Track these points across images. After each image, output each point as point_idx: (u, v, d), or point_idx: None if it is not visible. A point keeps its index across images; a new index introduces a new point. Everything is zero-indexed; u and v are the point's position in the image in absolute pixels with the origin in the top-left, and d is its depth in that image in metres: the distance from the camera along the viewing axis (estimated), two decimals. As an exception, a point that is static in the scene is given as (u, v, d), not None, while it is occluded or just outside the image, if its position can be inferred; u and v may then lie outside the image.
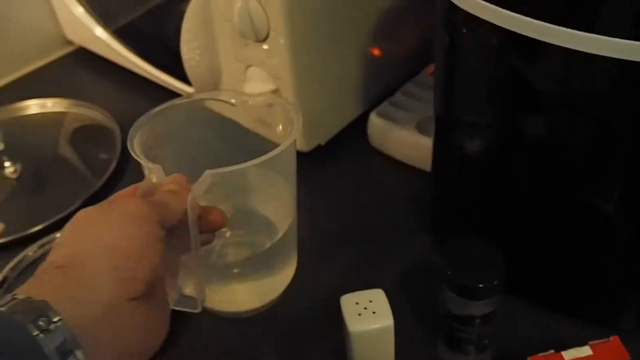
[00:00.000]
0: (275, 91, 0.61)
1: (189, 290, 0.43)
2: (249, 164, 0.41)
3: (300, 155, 0.66)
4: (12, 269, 0.58)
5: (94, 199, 0.64)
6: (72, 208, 0.63)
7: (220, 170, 0.40)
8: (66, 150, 0.72)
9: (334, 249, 0.59)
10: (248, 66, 0.62)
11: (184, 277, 0.42)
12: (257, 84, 0.62)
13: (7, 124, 0.72)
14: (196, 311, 0.42)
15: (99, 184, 0.65)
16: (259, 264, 0.50)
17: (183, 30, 0.65)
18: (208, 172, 0.40)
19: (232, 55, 0.63)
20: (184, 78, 0.71)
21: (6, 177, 0.67)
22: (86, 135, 0.73)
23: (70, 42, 0.88)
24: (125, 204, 0.37)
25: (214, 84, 0.68)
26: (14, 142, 0.68)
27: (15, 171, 0.67)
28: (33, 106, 0.75)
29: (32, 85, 0.83)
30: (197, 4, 0.62)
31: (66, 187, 0.67)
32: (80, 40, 0.86)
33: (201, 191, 0.40)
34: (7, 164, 0.67)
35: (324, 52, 0.62)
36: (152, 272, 0.35)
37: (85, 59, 0.86)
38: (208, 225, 0.41)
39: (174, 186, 0.40)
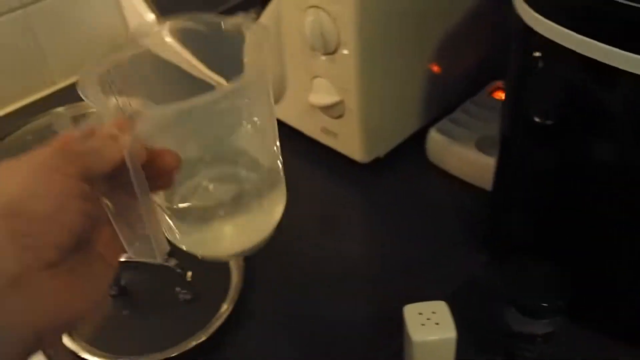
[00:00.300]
0: (340, 102, 0.63)
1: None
2: (200, 99, 0.35)
3: (359, 166, 0.68)
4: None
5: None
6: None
7: (167, 109, 0.35)
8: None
9: (388, 259, 0.60)
10: (314, 77, 0.64)
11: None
12: (323, 95, 0.64)
13: (79, 120, 0.75)
14: (156, 262, 0.38)
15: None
16: (245, 202, 0.46)
17: (253, 40, 0.67)
18: (151, 111, 0.36)
19: (300, 66, 0.65)
20: (247, 85, 0.74)
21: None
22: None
23: (136, 45, 0.92)
24: (34, 156, 0.31)
25: (279, 93, 0.70)
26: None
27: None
28: (104, 104, 0.79)
29: (100, 84, 0.86)
30: (269, 15, 0.65)
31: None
32: (146, 43, 0.90)
33: (143, 134, 0.34)
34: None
35: (389, 67, 0.63)
36: (70, 235, 0.31)
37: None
38: (158, 170, 0.36)
39: (113, 129, 0.34)
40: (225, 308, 0.55)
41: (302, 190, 0.69)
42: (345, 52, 0.59)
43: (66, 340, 0.54)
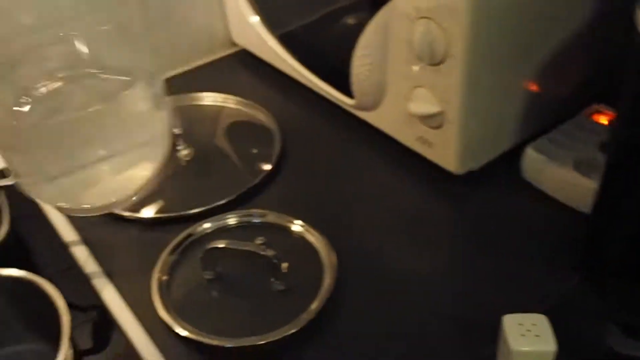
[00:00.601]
0: (440, 113, 0.64)
1: None
2: None
3: (452, 177, 0.68)
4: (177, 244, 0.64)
5: (246, 195, 0.69)
6: (224, 201, 0.68)
7: None
8: (231, 144, 0.78)
9: (479, 272, 0.61)
10: (416, 86, 0.65)
11: None
12: (423, 104, 0.65)
13: (182, 110, 0.79)
14: None
15: (255, 180, 0.70)
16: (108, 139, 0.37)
17: (358, 46, 0.69)
18: None
19: (402, 75, 0.66)
20: (344, 89, 0.76)
21: (178, 159, 0.73)
22: (250, 133, 0.79)
23: (234, 44, 0.96)
24: None
25: (377, 99, 0.72)
26: (187, 129, 0.75)
27: (188, 154, 0.73)
28: (207, 98, 0.83)
29: (200, 78, 0.90)
30: (378, 24, 0.66)
31: (224, 178, 0.72)
32: (245, 43, 0.93)
33: None
34: (180, 147, 0.73)
35: (493, 82, 0.64)
36: None
37: (246, 60, 0.93)
38: None
39: None
40: (316, 305, 0.57)
41: (394, 197, 0.70)
42: (453, 64, 0.60)
43: (161, 312, 0.57)
